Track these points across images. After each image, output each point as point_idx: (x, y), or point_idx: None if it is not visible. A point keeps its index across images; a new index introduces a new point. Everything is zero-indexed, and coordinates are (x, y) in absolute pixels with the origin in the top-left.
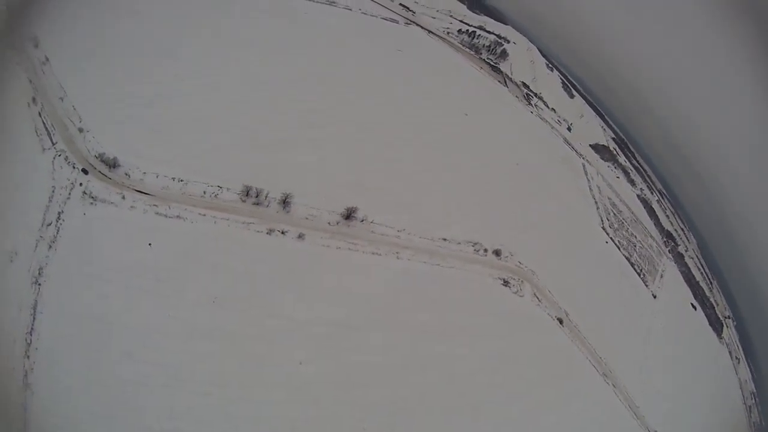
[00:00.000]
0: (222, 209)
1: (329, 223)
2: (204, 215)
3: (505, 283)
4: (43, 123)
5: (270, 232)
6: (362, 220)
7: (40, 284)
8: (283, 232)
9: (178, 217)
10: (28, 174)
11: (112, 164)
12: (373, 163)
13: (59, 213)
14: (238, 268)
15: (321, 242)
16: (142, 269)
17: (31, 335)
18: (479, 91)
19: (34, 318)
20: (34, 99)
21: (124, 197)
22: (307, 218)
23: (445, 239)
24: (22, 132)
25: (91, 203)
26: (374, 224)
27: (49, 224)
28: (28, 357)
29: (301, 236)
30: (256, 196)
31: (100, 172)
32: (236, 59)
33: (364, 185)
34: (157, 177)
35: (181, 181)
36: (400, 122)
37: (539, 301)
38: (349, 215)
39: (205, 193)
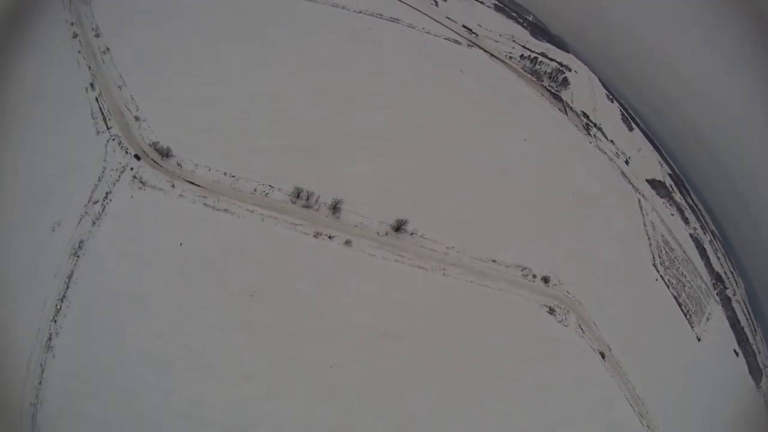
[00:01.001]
0: (271, 208)
1: (378, 233)
2: (252, 211)
3: (551, 310)
4: (100, 108)
5: (317, 235)
6: (412, 234)
7: (78, 256)
8: (330, 237)
9: (226, 210)
10: (81, 153)
11: (165, 153)
12: (429, 179)
13: (107, 193)
14: (281, 266)
15: (368, 251)
16: (185, 255)
17: (62, 302)
18: (539, 117)
19: (67, 287)
20: (92, 84)
21: (173, 186)
22: (356, 226)
23: (494, 261)
24: (78, 114)
25: (140, 188)
26: (424, 239)
27: (96, 202)
28: (55, 321)
29: (348, 243)
30: (307, 199)
31: (152, 159)
32: (299, 68)
33: (418, 200)
34: (209, 170)
35: (233, 177)
36: (459, 141)
37: (583, 332)
38: (399, 227)
39: (255, 190)
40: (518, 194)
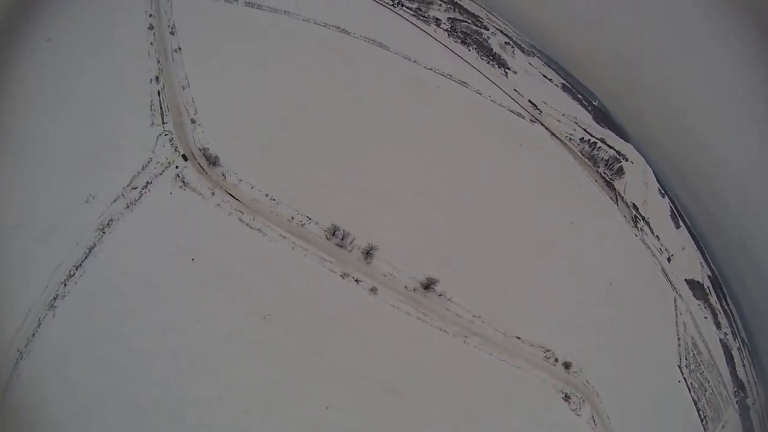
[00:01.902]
0: (304, 238)
1: (406, 287)
2: (285, 237)
3: (566, 397)
4: (160, 102)
5: (344, 276)
6: (440, 295)
7: (104, 233)
8: (357, 281)
9: (259, 230)
10: (131, 137)
11: (213, 161)
12: (467, 243)
13: (147, 182)
14: (301, 297)
15: (392, 302)
16: (209, 262)
17: (76, 269)
18: (589, 202)
19: (86, 257)
20: (157, 78)
21: (213, 193)
22: (385, 275)
23: (518, 338)
24: (138, 101)
25: (181, 187)
26: (451, 302)
27: (135, 188)
28: (64, 285)
29: (373, 290)
30: (342, 239)
31: (199, 163)
32: (362, 110)
33: (453, 262)
34: (251, 188)
35: (274, 200)
36: (504, 212)
37: (595, 424)
38: (428, 285)
39: (293, 218)
40: (555, 274)
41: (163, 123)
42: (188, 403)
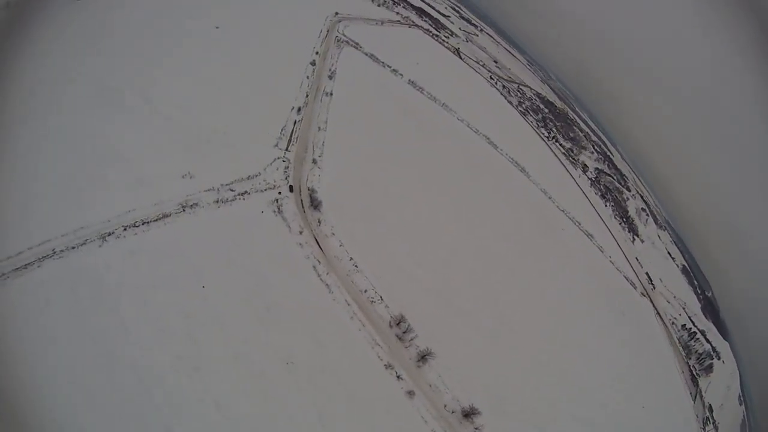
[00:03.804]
0: (367, 315)
1: (445, 406)
2: (348, 305)
3: None
4: (292, 131)
5: (388, 367)
6: (476, 429)
7: (184, 211)
8: (399, 377)
9: (327, 285)
10: (251, 147)
11: (315, 205)
12: (529, 391)
13: (245, 192)
14: (335, 365)
15: (424, 414)
16: (264, 289)
17: (125, 230)
18: (668, 392)
19: (156, 219)
20: (299, 109)
21: (301, 233)
22: (430, 385)
23: None
24: (272, 120)
25: (274, 212)
26: None
27: (232, 190)
28: (124, 229)
29: (411, 393)
30: (404, 332)
31: (301, 200)
32: (477, 223)
33: (507, 404)
34: (339, 245)
35: (356, 266)
36: (578, 375)
37: None
38: (468, 414)
39: (365, 291)
40: None
41: (286, 150)
42: (177, 405)
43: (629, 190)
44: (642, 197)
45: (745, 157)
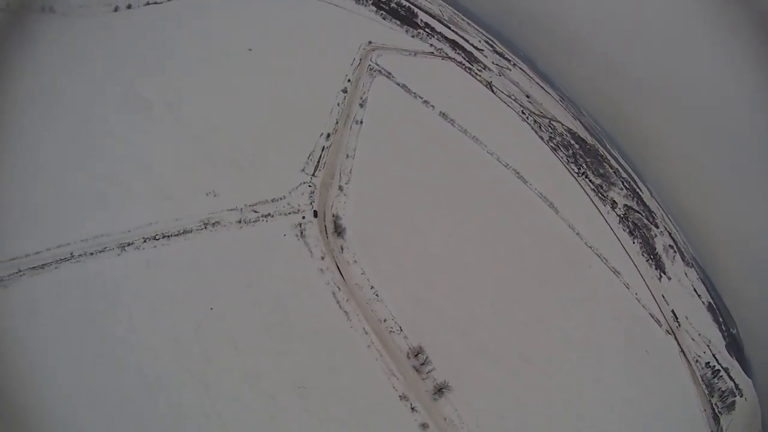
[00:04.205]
0: (385, 345)
1: None
2: (366, 333)
3: None
4: (320, 157)
5: (403, 398)
6: None
7: (205, 228)
8: (413, 409)
9: (345, 313)
10: (277, 169)
11: (339, 232)
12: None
13: (269, 214)
14: (347, 393)
15: None
16: (280, 309)
17: (160, 238)
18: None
19: (177, 234)
20: (328, 135)
21: (323, 258)
22: (445, 419)
23: None
24: (300, 145)
25: (297, 236)
26: None
27: (256, 212)
28: (144, 241)
29: (424, 426)
30: (422, 364)
31: (325, 226)
32: (503, 258)
33: None
34: (361, 273)
35: (377, 295)
36: (604, 407)
37: None
38: None
39: (385, 321)
40: None
41: (313, 175)
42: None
43: (657, 227)
44: (670, 234)
45: None
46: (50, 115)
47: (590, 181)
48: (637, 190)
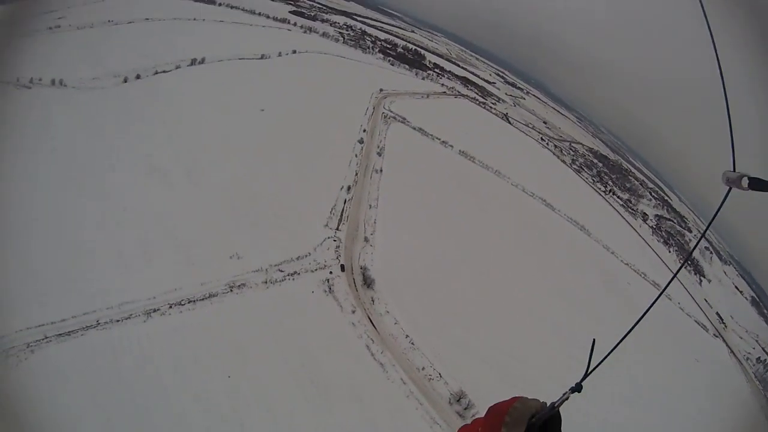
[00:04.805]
0: (425, 393)
1: None
2: (404, 383)
3: None
4: (342, 210)
5: None
6: None
7: (231, 290)
8: None
9: (381, 365)
10: (300, 227)
11: (368, 283)
12: None
13: (295, 272)
14: None
15: None
16: (312, 367)
17: (186, 303)
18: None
19: (204, 298)
20: (349, 187)
21: (354, 312)
22: None
23: None
24: (322, 200)
25: (325, 291)
26: None
27: (281, 271)
28: (170, 306)
29: None
30: (465, 408)
31: (354, 279)
32: (536, 287)
33: None
34: (395, 323)
35: (412, 344)
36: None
37: None
38: None
39: (423, 369)
40: None
41: (337, 229)
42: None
43: (690, 231)
44: (704, 236)
45: None
46: (72, 187)
47: (618, 197)
48: (666, 197)
